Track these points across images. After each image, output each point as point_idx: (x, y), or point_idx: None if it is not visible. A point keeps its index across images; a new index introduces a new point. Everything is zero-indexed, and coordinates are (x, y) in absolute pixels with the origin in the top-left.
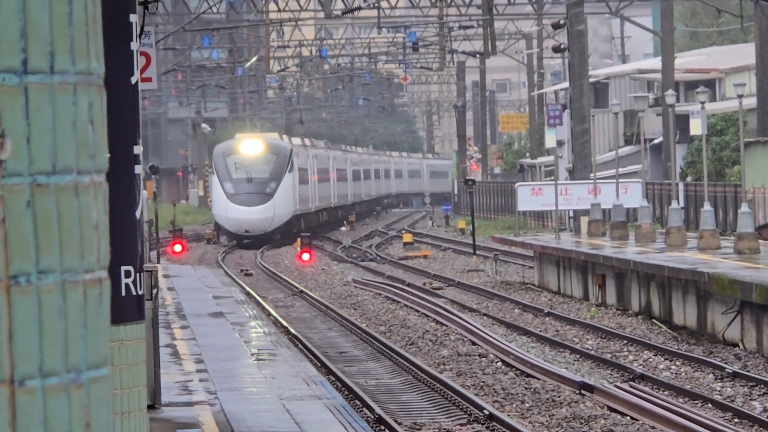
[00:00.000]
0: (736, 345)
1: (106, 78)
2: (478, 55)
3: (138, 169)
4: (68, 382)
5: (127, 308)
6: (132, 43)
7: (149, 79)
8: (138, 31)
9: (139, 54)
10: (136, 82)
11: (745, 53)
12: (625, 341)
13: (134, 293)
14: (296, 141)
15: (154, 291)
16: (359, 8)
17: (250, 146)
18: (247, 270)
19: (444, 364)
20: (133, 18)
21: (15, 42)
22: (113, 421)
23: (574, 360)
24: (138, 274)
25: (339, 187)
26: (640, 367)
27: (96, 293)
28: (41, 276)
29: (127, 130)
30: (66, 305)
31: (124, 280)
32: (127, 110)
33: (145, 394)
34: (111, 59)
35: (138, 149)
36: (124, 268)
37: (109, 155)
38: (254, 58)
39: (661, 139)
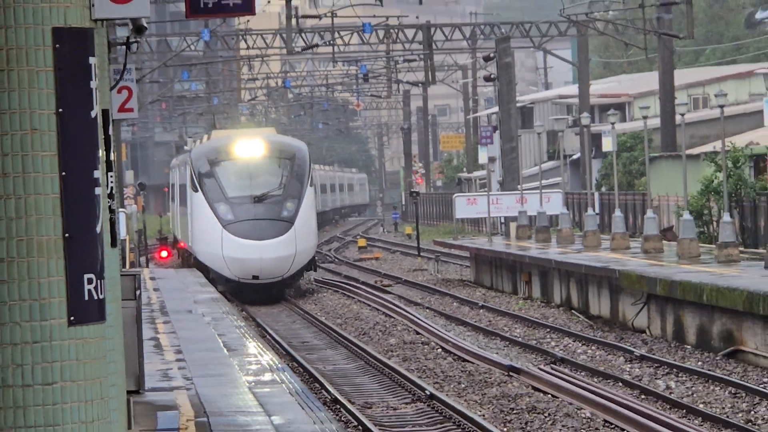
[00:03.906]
0: (643, 332)
1: (67, 112)
2: (420, 84)
3: (98, 190)
4: None
5: (90, 311)
6: (91, 82)
7: (131, 110)
8: (121, 70)
9: (117, 90)
10: (96, 115)
11: (650, 80)
12: (548, 329)
13: (96, 297)
14: None
15: (138, 292)
16: (317, 45)
17: (251, 148)
18: None
19: (392, 351)
20: (93, 60)
21: None
22: (77, 408)
23: (504, 346)
24: (99, 281)
25: None
26: (560, 351)
27: None
28: None
29: (87, 157)
30: None
31: (86, 287)
32: (86, 140)
33: (106, 384)
34: (72, 96)
35: (98, 173)
36: (86, 276)
37: (67, 176)
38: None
39: (578, 155)
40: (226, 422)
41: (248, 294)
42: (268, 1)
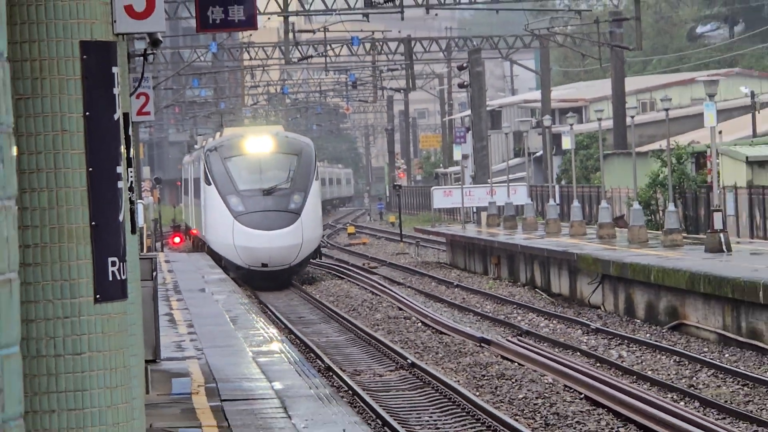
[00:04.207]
0: (598, 308)
1: (93, 115)
2: (402, 91)
3: (120, 184)
4: None
5: (113, 289)
6: (114, 89)
7: (148, 113)
8: (139, 78)
9: (136, 96)
10: (118, 118)
11: (604, 87)
12: (515, 306)
13: (118, 278)
14: None
15: (154, 273)
16: (311, 56)
17: (260, 144)
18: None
19: (377, 325)
20: (115, 70)
21: None
22: (103, 375)
23: (476, 320)
24: (121, 263)
25: None
26: (525, 325)
27: (6, 290)
28: None
29: (110, 155)
30: None
31: (110, 268)
32: (110, 139)
33: (128, 354)
34: (98, 102)
35: (120, 169)
36: (110, 259)
37: (93, 171)
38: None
39: (541, 152)
40: (232, 387)
41: (257, 280)
42: (269, 18)
